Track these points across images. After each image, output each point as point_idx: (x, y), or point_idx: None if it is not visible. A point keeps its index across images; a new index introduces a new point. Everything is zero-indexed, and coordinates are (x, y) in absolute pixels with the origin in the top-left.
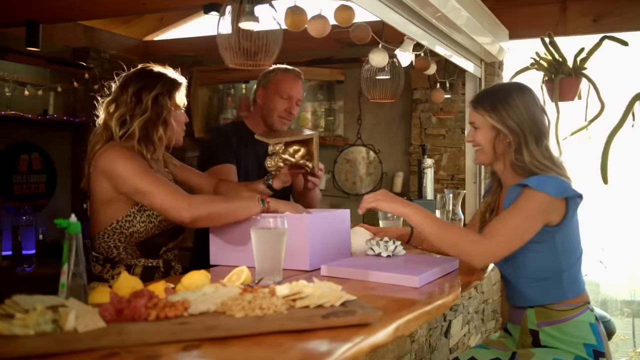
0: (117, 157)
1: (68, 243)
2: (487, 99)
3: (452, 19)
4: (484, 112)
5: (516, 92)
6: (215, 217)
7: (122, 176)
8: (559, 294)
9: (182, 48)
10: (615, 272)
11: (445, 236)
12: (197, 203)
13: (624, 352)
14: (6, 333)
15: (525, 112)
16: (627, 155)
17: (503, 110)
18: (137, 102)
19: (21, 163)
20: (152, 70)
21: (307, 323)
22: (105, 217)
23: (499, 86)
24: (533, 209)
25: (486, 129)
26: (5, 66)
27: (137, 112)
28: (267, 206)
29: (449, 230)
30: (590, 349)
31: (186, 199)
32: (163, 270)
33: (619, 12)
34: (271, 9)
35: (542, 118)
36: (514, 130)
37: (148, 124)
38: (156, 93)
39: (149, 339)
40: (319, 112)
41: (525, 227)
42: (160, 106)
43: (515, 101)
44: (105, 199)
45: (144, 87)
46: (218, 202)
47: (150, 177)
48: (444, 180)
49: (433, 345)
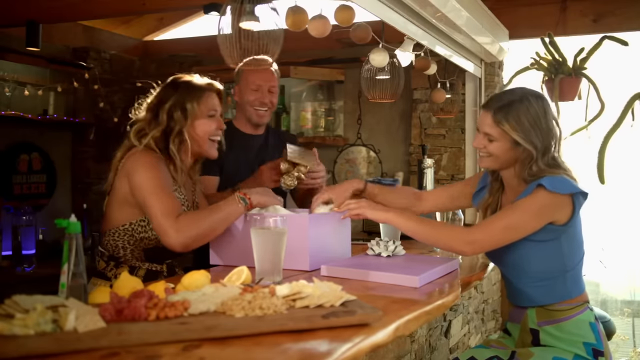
0: (141, 164)
1: (68, 243)
2: (510, 111)
3: (452, 19)
4: (510, 129)
5: (537, 104)
6: (204, 235)
7: (137, 185)
8: (563, 293)
9: (182, 48)
10: (615, 272)
11: (435, 235)
12: (184, 227)
13: (624, 352)
14: (6, 333)
15: (545, 125)
16: (627, 155)
17: (528, 124)
18: (154, 117)
19: (21, 163)
20: (175, 81)
21: (307, 323)
22: (120, 216)
23: (518, 95)
24: (534, 206)
25: (505, 142)
26: (5, 66)
27: (152, 126)
28: (249, 203)
29: (437, 229)
30: (589, 347)
31: (174, 225)
32: (166, 274)
33: (619, 12)
34: (272, 9)
35: (555, 127)
36: (537, 147)
37: (163, 137)
38: (169, 106)
39: (149, 339)
40: (319, 112)
41: (520, 223)
42: (173, 120)
43: (539, 115)
44: (123, 199)
45: (160, 101)
46: (203, 219)
47: (159, 195)
48: (444, 180)
49: (433, 345)
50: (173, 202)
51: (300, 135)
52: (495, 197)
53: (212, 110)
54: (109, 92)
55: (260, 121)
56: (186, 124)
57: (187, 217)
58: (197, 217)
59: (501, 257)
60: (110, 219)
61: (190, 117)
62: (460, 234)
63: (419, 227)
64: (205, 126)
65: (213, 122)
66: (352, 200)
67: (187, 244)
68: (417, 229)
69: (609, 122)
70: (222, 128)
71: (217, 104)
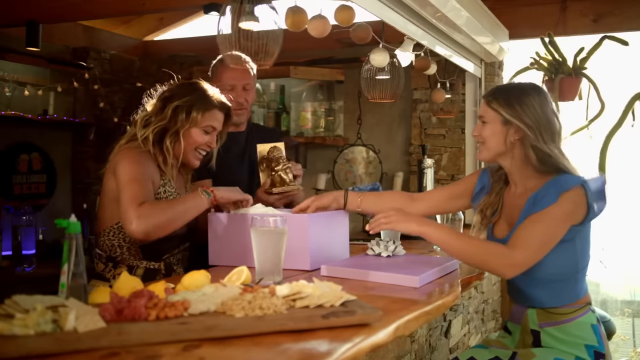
0: (125, 158)
1: (68, 243)
2: (501, 94)
3: (452, 19)
4: (498, 106)
5: (532, 91)
6: (165, 225)
7: (119, 178)
8: (571, 296)
9: (182, 48)
10: (615, 272)
11: (472, 254)
12: (145, 214)
13: (624, 352)
14: (6, 333)
15: (540, 110)
16: (627, 155)
17: (518, 106)
18: (161, 108)
19: (21, 163)
20: (195, 84)
21: (307, 323)
22: (112, 215)
23: (514, 84)
24: (561, 213)
25: (496, 123)
26: (5, 66)
27: (158, 118)
28: (212, 196)
29: (475, 247)
30: (591, 350)
31: (136, 212)
32: (164, 273)
33: (619, 12)
34: (271, 9)
35: (554, 120)
36: (529, 125)
37: (163, 131)
38: (177, 104)
39: (149, 339)
40: (318, 112)
41: (552, 233)
42: (176, 117)
43: (531, 99)
44: (112, 197)
45: (172, 95)
46: (164, 209)
47: (130, 185)
48: (444, 180)
49: (433, 345)
50: (142, 190)
51: (300, 135)
52: (499, 197)
53: (211, 127)
54: (109, 92)
55: (238, 120)
56: (185, 127)
57: (149, 205)
58: (159, 206)
59: None
60: (103, 219)
61: (191, 122)
62: (500, 256)
63: (456, 242)
64: (197, 137)
65: (205, 137)
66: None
67: (148, 231)
68: (454, 245)
69: (609, 122)
70: (211, 146)
71: (218, 123)
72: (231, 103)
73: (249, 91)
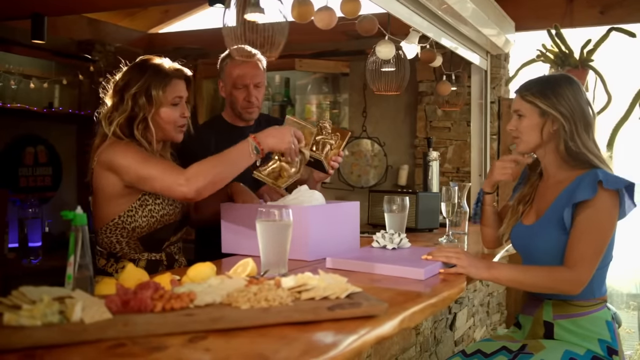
0: (117, 149)
1: (74, 235)
2: (535, 86)
3: (457, 11)
4: (534, 98)
5: (564, 82)
6: (218, 180)
7: (125, 166)
8: (588, 291)
9: (187, 40)
10: (620, 265)
11: (540, 285)
12: (194, 174)
13: (629, 345)
14: (13, 324)
15: (574, 100)
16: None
17: (553, 96)
18: (119, 100)
19: (27, 156)
20: (144, 63)
21: (312, 315)
22: (108, 213)
23: (547, 77)
24: (605, 218)
25: (533, 115)
26: (11, 59)
27: (119, 110)
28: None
29: (541, 278)
30: (604, 345)
31: (182, 174)
32: (166, 263)
33: (627, 4)
34: (277, 1)
35: (588, 110)
36: (565, 116)
37: (128, 122)
38: (134, 91)
39: (155, 330)
40: (324, 104)
41: (603, 239)
42: (138, 104)
43: (564, 90)
44: (108, 194)
45: (126, 83)
46: (214, 164)
47: (150, 162)
48: (449, 173)
49: (438, 338)
50: (167, 161)
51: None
52: (532, 189)
53: (177, 98)
54: None
55: (250, 117)
56: (150, 111)
57: (196, 166)
58: (205, 164)
59: (535, 255)
60: (99, 218)
61: (155, 104)
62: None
63: (524, 278)
64: (169, 114)
65: (177, 109)
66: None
67: (200, 190)
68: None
69: (616, 115)
70: (186, 116)
71: (182, 91)
72: (242, 102)
73: (260, 89)
